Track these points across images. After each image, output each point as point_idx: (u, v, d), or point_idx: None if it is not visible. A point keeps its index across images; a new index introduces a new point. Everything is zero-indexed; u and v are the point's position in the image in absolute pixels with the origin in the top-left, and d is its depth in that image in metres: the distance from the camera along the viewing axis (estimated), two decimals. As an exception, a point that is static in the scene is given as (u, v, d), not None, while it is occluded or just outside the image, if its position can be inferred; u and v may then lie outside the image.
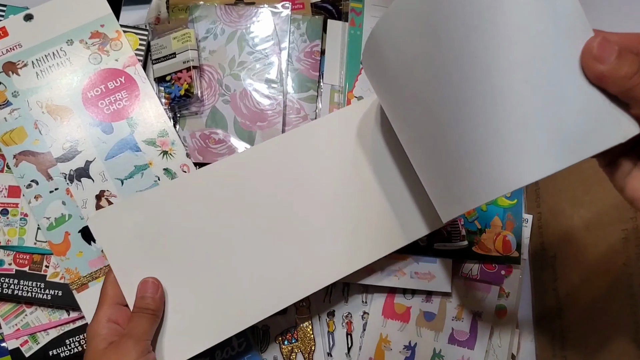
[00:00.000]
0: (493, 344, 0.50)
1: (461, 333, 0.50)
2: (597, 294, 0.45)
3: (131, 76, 0.47)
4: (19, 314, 0.46)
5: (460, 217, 0.51)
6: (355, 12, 0.53)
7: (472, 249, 0.50)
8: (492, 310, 0.50)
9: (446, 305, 0.50)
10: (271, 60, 0.50)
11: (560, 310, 0.50)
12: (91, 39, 0.47)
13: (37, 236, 0.46)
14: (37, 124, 0.45)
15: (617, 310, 0.42)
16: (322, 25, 0.52)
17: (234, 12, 0.51)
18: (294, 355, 0.49)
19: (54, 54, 0.47)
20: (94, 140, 0.46)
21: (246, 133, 0.49)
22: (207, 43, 0.50)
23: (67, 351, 0.45)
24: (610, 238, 0.44)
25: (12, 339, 0.45)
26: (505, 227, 0.51)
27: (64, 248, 0.44)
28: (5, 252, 0.45)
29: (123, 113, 0.47)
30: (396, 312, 0.50)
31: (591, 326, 0.46)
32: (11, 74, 0.46)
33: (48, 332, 0.46)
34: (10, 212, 0.46)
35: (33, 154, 0.45)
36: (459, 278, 0.51)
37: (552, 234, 0.52)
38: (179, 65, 0.48)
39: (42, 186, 0.45)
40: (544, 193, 0.53)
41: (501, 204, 0.51)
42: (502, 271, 0.51)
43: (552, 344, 0.50)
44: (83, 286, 0.44)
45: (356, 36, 0.52)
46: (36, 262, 0.45)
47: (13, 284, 0.45)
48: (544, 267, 0.52)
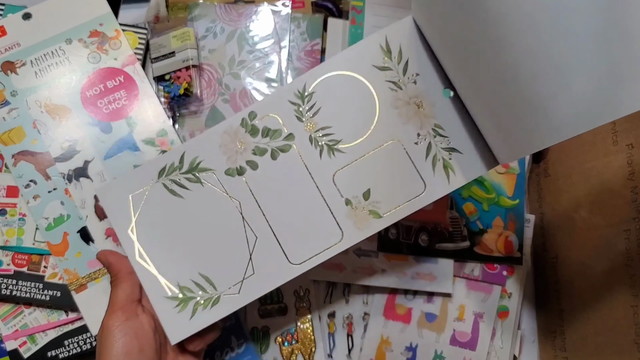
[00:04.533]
0: (495, 346, 0.50)
1: (463, 334, 0.50)
2: (599, 295, 0.45)
3: (130, 75, 0.47)
4: (18, 314, 0.45)
5: (462, 217, 0.50)
6: (356, 10, 0.52)
7: (473, 249, 0.50)
8: (494, 311, 0.50)
9: (448, 306, 0.50)
10: (271, 59, 0.50)
11: (561, 311, 0.49)
12: (90, 38, 0.47)
13: (36, 236, 0.45)
14: (36, 123, 0.45)
15: (619, 311, 0.42)
16: (323, 24, 0.52)
17: (233, 10, 0.51)
18: (294, 356, 0.48)
19: (52, 53, 0.46)
20: (93, 139, 0.45)
21: (246, 132, 0.48)
22: (207, 42, 0.50)
23: (66, 352, 0.45)
24: (612, 239, 0.43)
25: (11, 340, 0.45)
26: (507, 227, 0.51)
27: (63, 248, 0.44)
28: (4, 252, 0.45)
29: (122, 112, 0.46)
30: (397, 313, 0.50)
31: (593, 327, 0.45)
32: (10, 73, 0.46)
33: (47, 333, 0.45)
34: (8, 212, 0.46)
35: (31, 153, 0.45)
36: (460, 279, 0.50)
37: (554, 235, 0.51)
38: (179, 64, 0.48)
39: (40, 186, 0.45)
40: (546, 193, 0.53)
41: (503, 204, 0.51)
42: (504, 272, 0.50)
43: (554, 345, 0.50)
44: (82, 287, 0.43)
45: (357, 35, 0.52)
46: (35, 263, 0.45)
47: (11, 285, 0.45)
48: (546, 268, 0.52)
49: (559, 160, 0.52)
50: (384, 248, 0.49)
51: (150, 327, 0.36)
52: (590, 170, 0.47)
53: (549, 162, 0.53)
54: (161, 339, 0.37)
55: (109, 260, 0.38)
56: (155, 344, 0.36)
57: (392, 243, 0.49)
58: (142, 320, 0.36)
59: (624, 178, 0.43)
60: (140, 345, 0.35)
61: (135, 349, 0.34)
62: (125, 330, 0.35)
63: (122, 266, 0.38)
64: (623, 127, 0.43)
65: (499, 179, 0.52)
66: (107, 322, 0.35)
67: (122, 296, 0.37)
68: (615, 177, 0.43)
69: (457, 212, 0.50)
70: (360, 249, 0.49)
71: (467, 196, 0.51)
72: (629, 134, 0.43)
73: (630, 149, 0.42)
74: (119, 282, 0.37)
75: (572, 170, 0.49)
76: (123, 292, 0.37)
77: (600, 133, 0.45)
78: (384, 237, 0.49)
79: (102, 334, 0.35)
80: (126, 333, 0.35)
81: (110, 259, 0.38)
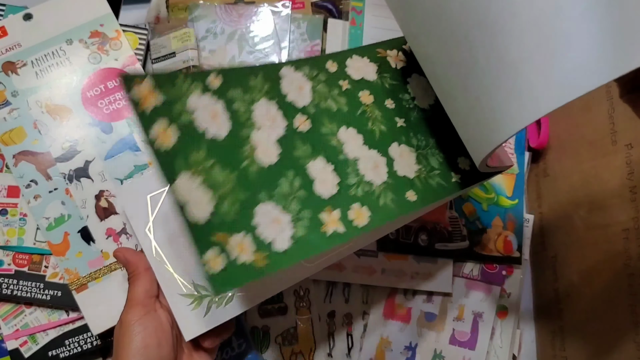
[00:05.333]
0: (494, 345, 0.50)
1: (462, 334, 0.50)
2: (598, 294, 0.45)
3: (131, 76, 0.47)
4: (18, 314, 0.45)
5: (461, 217, 0.50)
6: (356, 11, 0.52)
7: (473, 249, 0.50)
8: (493, 310, 0.50)
9: (447, 305, 0.50)
10: (271, 60, 0.50)
11: (560, 310, 0.49)
12: (91, 39, 0.47)
13: (37, 236, 0.45)
14: (37, 123, 0.45)
15: (618, 310, 0.42)
16: (323, 25, 0.52)
17: (234, 11, 0.51)
18: (294, 356, 0.48)
19: (53, 53, 0.46)
20: (94, 140, 0.46)
21: (246, 133, 0.49)
22: (207, 42, 0.50)
23: (67, 352, 0.45)
24: (611, 238, 0.43)
25: (12, 340, 0.45)
26: (507, 227, 0.51)
27: (64, 248, 0.44)
28: (5, 252, 0.45)
29: (123, 113, 0.46)
30: (397, 313, 0.50)
31: (592, 327, 0.46)
32: (10, 73, 0.46)
33: (47, 332, 0.45)
34: (9, 212, 0.46)
35: (32, 153, 0.45)
36: (460, 278, 0.51)
37: (553, 234, 0.51)
38: (179, 64, 0.48)
39: (41, 186, 0.45)
40: (546, 193, 0.53)
41: (502, 204, 0.51)
42: (503, 271, 0.51)
43: (553, 344, 0.50)
44: (82, 286, 0.43)
45: (357, 35, 0.52)
46: (35, 263, 0.45)
47: (12, 284, 0.45)
48: (545, 268, 0.52)
49: (558, 160, 0.52)
50: (384, 248, 0.49)
51: (168, 323, 0.36)
52: (589, 170, 0.47)
53: (548, 162, 0.53)
54: (177, 335, 0.37)
55: (127, 257, 0.39)
56: (172, 340, 0.36)
57: (392, 243, 0.49)
58: (160, 315, 0.36)
59: (623, 178, 0.43)
60: (158, 340, 0.35)
61: (154, 344, 0.34)
62: (144, 324, 0.35)
63: (140, 263, 0.38)
64: (622, 127, 0.43)
65: (498, 179, 0.52)
66: (125, 317, 0.35)
67: (140, 292, 0.37)
68: (614, 177, 0.44)
69: (457, 212, 0.51)
70: (360, 248, 0.50)
71: (467, 196, 0.51)
72: (628, 134, 0.43)
73: (629, 149, 0.42)
74: (137, 278, 0.38)
75: (571, 170, 0.49)
76: (141, 288, 0.37)
77: (599, 133, 0.45)
78: (384, 237, 0.49)
79: (120, 328, 0.35)
80: (145, 327, 0.35)
81: (127, 256, 0.39)
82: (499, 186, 0.52)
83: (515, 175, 0.52)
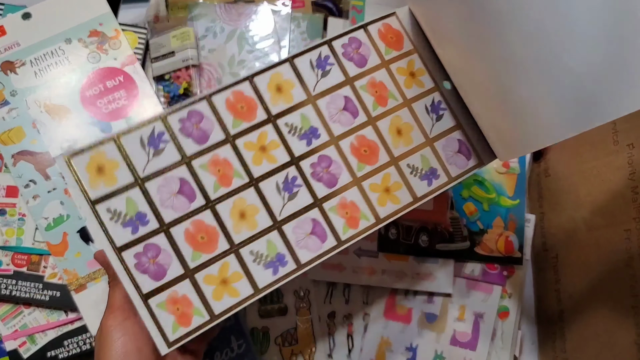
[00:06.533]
0: (495, 346, 0.50)
1: (463, 334, 0.49)
2: (599, 295, 0.45)
3: (130, 75, 0.47)
4: (17, 314, 0.45)
5: (462, 217, 0.50)
6: (356, 10, 0.52)
7: (474, 249, 0.50)
8: (494, 311, 0.50)
9: (448, 306, 0.50)
10: (271, 59, 0.50)
11: (562, 311, 0.49)
12: (90, 38, 0.47)
13: (35, 236, 0.45)
14: (36, 123, 0.45)
15: (619, 311, 0.42)
16: (323, 24, 0.52)
17: (233, 10, 0.51)
18: (294, 357, 0.48)
19: (52, 52, 0.46)
20: (92, 139, 0.45)
21: (246, 132, 0.48)
22: (207, 41, 0.50)
23: (65, 352, 0.45)
24: (612, 239, 0.43)
25: (10, 340, 0.45)
26: (508, 227, 0.51)
27: (62, 248, 0.44)
28: (3, 252, 0.45)
29: (121, 112, 0.46)
30: (397, 313, 0.50)
31: (593, 327, 0.45)
32: (9, 72, 0.46)
33: (46, 333, 0.45)
34: (8, 212, 0.45)
35: (31, 153, 0.45)
36: (460, 279, 0.50)
37: (554, 235, 0.51)
38: (178, 64, 0.48)
39: (40, 186, 0.44)
40: (547, 193, 0.53)
41: (503, 204, 0.51)
42: (504, 272, 0.50)
43: (554, 345, 0.50)
44: (81, 287, 0.43)
45: (357, 35, 0.51)
46: (34, 263, 0.45)
47: (11, 285, 0.45)
48: (546, 268, 0.52)
49: (560, 160, 0.51)
50: (384, 248, 0.49)
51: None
52: (591, 170, 0.46)
53: (550, 162, 0.53)
54: None
55: (107, 260, 0.38)
56: (153, 345, 0.36)
57: (392, 243, 0.49)
58: (140, 320, 0.36)
59: (625, 178, 0.42)
60: (138, 346, 0.35)
61: (134, 349, 0.34)
62: (123, 330, 0.35)
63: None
64: (623, 127, 0.43)
65: (500, 179, 0.52)
66: (105, 322, 0.35)
67: (120, 296, 0.36)
68: (616, 177, 0.43)
69: (458, 212, 0.50)
70: (360, 249, 0.49)
71: (468, 196, 0.51)
72: (630, 133, 0.43)
73: (631, 149, 0.42)
74: (117, 282, 0.37)
75: (573, 170, 0.49)
76: (121, 292, 0.37)
77: (601, 133, 0.45)
78: (384, 238, 0.49)
79: (100, 334, 0.35)
80: (125, 333, 0.34)
81: (108, 259, 0.38)
82: (500, 186, 0.52)
83: (517, 175, 0.52)
